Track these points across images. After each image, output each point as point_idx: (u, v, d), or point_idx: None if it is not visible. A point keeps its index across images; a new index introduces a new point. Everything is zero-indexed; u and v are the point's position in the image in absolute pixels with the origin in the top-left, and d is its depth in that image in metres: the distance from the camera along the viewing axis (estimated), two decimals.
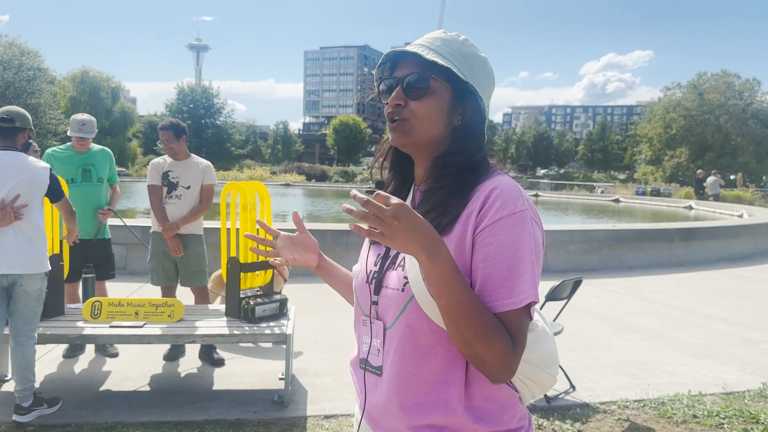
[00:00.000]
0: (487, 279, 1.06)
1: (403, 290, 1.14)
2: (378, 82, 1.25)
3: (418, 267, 1.05)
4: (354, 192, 0.98)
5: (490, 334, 1.02)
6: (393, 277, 1.17)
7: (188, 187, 4.50)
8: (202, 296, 4.68)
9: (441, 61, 1.14)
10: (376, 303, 1.19)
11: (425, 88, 1.16)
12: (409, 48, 1.18)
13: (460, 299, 1.01)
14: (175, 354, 4.44)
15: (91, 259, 4.49)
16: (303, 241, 1.43)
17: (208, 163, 4.69)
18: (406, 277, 1.13)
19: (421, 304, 1.10)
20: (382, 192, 0.97)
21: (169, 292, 4.64)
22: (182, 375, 4.18)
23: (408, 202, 1.24)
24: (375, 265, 1.23)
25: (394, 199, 0.96)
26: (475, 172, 1.17)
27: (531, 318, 1.10)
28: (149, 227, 4.73)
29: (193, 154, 4.66)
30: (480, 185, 1.13)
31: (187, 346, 4.57)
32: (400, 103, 1.17)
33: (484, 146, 1.21)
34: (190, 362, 4.40)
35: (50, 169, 3.48)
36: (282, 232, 1.42)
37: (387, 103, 1.20)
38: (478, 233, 1.08)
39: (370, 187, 1.18)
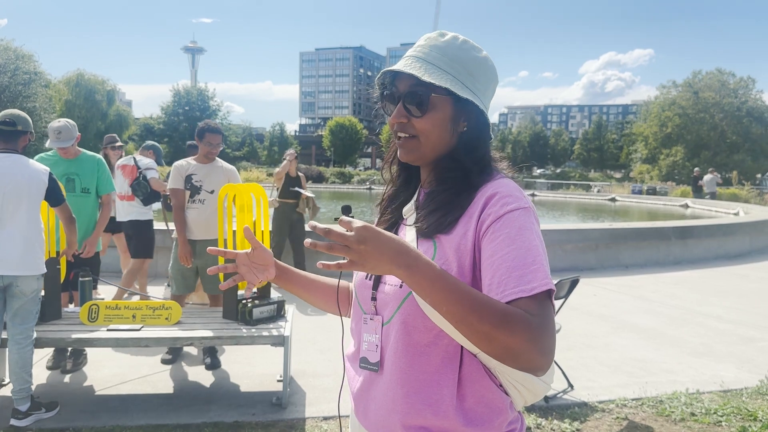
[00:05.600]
0: (495, 271, 1.03)
1: (401, 286, 1.13)
2: (380, 91, 1.24)
3: None
4: (312, 223, 0.96)
5: (507, 319, 0.95)
6: None
7: (212, 192, 4.40)
8: (217, 302, 4.63)
9: (438, 82, 1.12)
10: (374, 299, 1.20)
11: (426, 107, 1.16)
12: (403, 67, 1.16)
13: (457, 297, 0.95)
14: (173, 357, 4.43)
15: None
16: (260, 256, 1.34)
17: (233, 168, 4.62)
18: None
19: (419, 302, 1.10)
20: (344, 217, 0.96)
21: (180, 300, 4.54)
22: (180, 378, 4.17)
23: (413, 202, 1.25)
24: None
25: (357, 223, 0.94)
26: (480, 173, 1.17)
27: (552, 304, 1.04)
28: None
29: (218, 158, 4.58)
30: (483, 186, 1.14)
31: (185, 349, 4.57)
32: (403, 120, 1.18)
33: (488, 148, 1.22)
34: (187, 365, 4.39)
35: (50, 173, 3.49)
36: (239, 252, 1.34)
37: (389, 116, 1.20)
38: (484, 232, 1.08)
39: (346, 204, 1.19)
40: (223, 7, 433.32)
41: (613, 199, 27.17)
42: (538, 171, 65.21)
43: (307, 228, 7.18)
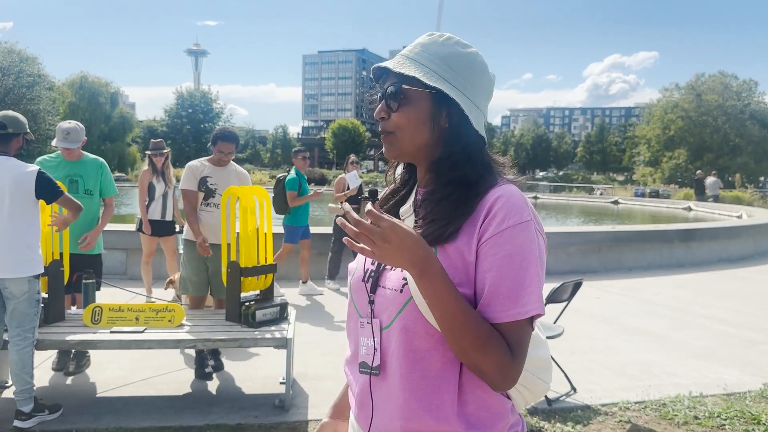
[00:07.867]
0: (493, 289, 1.06)
1: (401, 291, 1.13)
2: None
3: None
4: (347, 206, 1.01)
5: (486, 344, 1.03)
6: (391, 277, 1.16)
7: None
8: (223, 305, 4.60)
9: (407, 71, 1.15)
10: (372, 302, 1.18)
11: (399, 99, 1.17)
12: (385, 63, 1.21)
13: (452, 312, 1.02)
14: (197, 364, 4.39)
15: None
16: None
17: (245, 172, 4.60)
18: (405, 279, 1.12)
19: (419, 307, 1.09)
20: (373, 210, 0.99)
21: (198, 302, 4.49)
22: (183, 380, 4.18)
23: (410, 202, 1.24)
24: (372, 263, 1.22)
25: (385, 220, 0.99)
26: (480, 180, 1.15)
27: (533, 329, 1.10)
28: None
29: (231, 161, 4.55)
30: (487, 193, 1.12)
31: (187, 351, 4.57)
32: (383, 116, 1.20)
33: (484, 150, 1.19)
34: (190, 367, 4.39)
35: (39, 171, 3.41)
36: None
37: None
38: (483, 243, 1.08)
39: (372, 188, 1.19)
40: (227, 10, 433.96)
41: (615, 202, 27.15)
42: (541, 173, 65.14)
43: None
